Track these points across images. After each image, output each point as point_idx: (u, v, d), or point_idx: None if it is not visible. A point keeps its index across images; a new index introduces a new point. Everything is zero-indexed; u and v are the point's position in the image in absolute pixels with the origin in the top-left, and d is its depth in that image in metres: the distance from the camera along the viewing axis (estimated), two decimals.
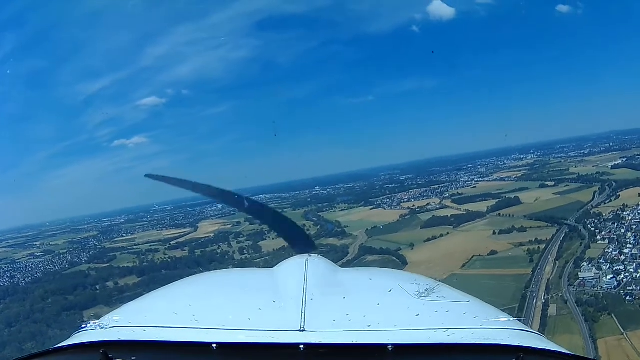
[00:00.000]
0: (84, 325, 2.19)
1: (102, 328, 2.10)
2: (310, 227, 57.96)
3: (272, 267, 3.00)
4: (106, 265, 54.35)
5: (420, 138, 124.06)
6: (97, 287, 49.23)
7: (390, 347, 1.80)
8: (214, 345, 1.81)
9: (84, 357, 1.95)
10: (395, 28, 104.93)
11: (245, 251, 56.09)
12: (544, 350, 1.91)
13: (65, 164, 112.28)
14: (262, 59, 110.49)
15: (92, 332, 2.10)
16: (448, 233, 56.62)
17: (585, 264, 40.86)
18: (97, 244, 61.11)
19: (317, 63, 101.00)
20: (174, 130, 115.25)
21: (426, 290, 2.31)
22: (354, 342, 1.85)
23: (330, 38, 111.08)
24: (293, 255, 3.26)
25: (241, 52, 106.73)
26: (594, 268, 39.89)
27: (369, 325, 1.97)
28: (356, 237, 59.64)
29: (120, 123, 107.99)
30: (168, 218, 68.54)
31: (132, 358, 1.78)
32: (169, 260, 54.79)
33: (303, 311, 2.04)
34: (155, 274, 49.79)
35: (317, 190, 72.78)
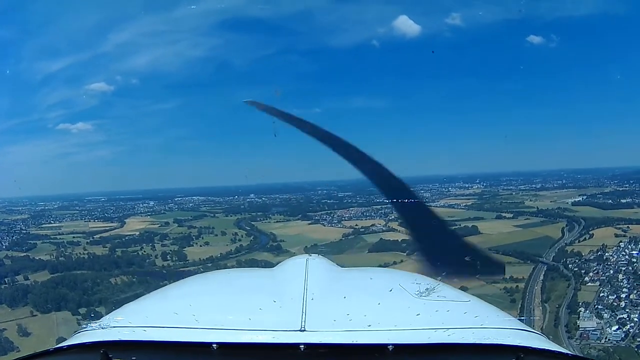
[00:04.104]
0: (84, 325, 2.15)
1: (102, 328, 2.06)
2: (242, 236, 54.14)
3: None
4: (24, 254, 51.78)
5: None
6: (6, 280, 46.86)
7: (390, 346, 1.77)
8: (214, 345, 1.80)
9: (84, 357, 1.93)
10: (356, 42, 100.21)
11: (168, 257, 51.39)
12: (544, 350, 1.88)
13: (10, 142, 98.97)
14: (217, 59, 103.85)
15: (92, 332, 2.06)
16: (402, 260, 49.78)
17: (582, 309, 34.67)
18: (23, 228, 58.66)
19: (271, 70, 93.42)
20: (119, 120, 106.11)
21: (426, 289, 2.26)
22: (354, 342, 1.82)
23: (289, 46, 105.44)
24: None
25: (198, 50, 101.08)
26: (594, 316, 33.74)
27: (370, 325, 1.93)
28: (294, 255, 51.18)
29: (67, 107, 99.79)
30: (99, 209, 65.63)
31: (132, 358, 1.76)
32: (86, 257, 51.63)
33: (303, 311, 2.00)
34: (66, 274, 47.66)
35: (252, 198, 67.58)
